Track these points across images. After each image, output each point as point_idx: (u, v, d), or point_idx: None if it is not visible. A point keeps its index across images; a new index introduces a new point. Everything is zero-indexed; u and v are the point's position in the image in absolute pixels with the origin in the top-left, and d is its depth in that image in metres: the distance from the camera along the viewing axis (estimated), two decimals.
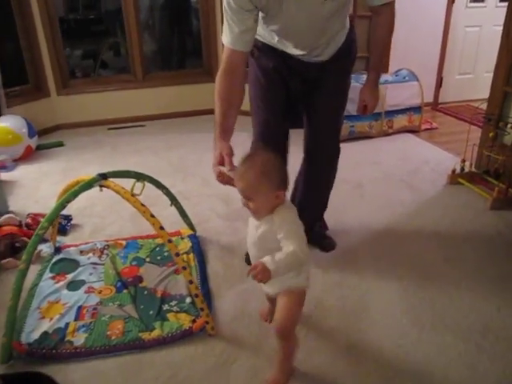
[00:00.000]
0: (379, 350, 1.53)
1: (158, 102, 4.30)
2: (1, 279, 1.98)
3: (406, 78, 3.77)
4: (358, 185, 2.80)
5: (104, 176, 1.66)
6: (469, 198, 2.63)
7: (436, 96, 4.63)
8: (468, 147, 2.73)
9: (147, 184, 1.84)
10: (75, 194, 1.58)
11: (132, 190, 1.67)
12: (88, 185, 1.61)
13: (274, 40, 1.72)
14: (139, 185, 1.76)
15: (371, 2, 1.62)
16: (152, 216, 1.56)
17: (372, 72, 1.84)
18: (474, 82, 4.60)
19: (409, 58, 4.16)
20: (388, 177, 2.94)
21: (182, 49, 5.10)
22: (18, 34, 3.82)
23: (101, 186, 1.67)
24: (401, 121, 3.76)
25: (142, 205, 1.59)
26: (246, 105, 1.66)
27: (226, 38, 1.54)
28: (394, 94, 3.65)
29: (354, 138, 3.57)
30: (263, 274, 1.15)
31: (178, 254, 1.59)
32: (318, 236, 2.11)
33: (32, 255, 1.50)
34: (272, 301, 1.49)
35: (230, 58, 1.56)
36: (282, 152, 1.89)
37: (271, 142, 1.73)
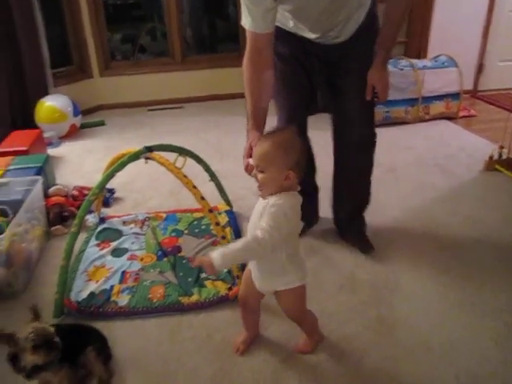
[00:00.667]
0: (407, 324, 1.58)
1: (195, 84, 4.39)
2: (50, 244, 2.12)
3: (445, 64, 3.71)
4: (391, 169, 2.82)
5: (150, 149, 1.76)
6: (506, 184, 2.61)
7: (476, 83, 4.53)
8: (507, 134, 2.70)
9: (187, 161, 1.93)
10: (123, 164, 1.68)
11: (174, 162, 1.76)
12: (135, 156, 1.71)
13: (289, 24, 1.67)
14: (181, 159, 1.85)
15: None
16: (194, 187, 1.65)
17: (380, 51, 1.64)
18: None
19: (448, 43, 4.09)
20: (422, 162, 2.94)
21: (219, 33, 5.17)
22: (65, 18, 3.98)
23: (146, 158, 1.77)
24: (438, 107, 3.72)
25: (185, 176, 1.67)
26: None
27: (247, 21, 1.48)
28: (432, 80, 3.62)
29: (389, 123, 3.56)
30: (209, 270, 1.15)
31: (217, 224, 1.67)
32: (356, 235, 2.01)
33: (83, 219, 1.62)
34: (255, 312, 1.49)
35: (254, 42, 1.50)
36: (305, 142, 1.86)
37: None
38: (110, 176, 1.67)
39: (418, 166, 2.89)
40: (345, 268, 1.88)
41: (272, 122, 1.92)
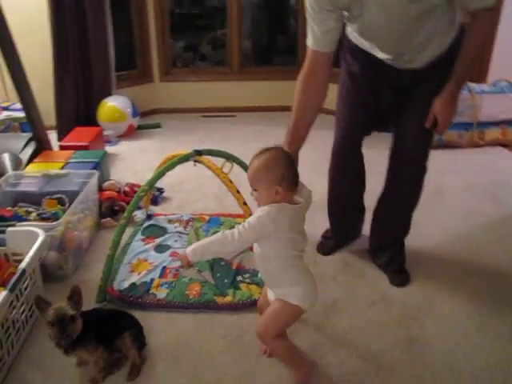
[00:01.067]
0: (437, 347, 1.57)
1: (250, 94, 4.50)
2: (100, 235, 2.26)
3: (505, 90, 3.61)
4: (438, 192, 2.77)
5: (199, 152, 1.85)
6: None
7: None
8: None
9: (234, 168, 1.99)
10: (174, 165, 1.78)
11: (222, 168, 1.84)
12: (185, 158, 1.80)
13: (365, 43, 1.64)
14: (228, 165, 1.93)
15: (466, 5, 1.43)
16: (238, 192, 1.72)
17: (452, 83, 1.54)
18: None
19: (510, 68, 3.97)
20: (471, 187, 2.87)
21: (278, 46, 5.27)
22: (133, 24, 4.22)
23: (195, 161, 1.85)
24: (493, 133, 3.62)
25: (230, 181, 1.75)
26: (328, 103, 1.64)
27: (309, 39, 1.50)
28: (489, 105, 3.52)
29: (441, 146, 3.50)
30: (184, 262, 1.28)
31: None
32: (393, 267, 1.94)
33: (132, 213, 1.73)
34: None
35: (313, 59, 1.51)
36: (358, 160, 1.92)
37: (349, 149, 1.84)
38: (160, 174, 1.77)
39: (467, 191, 2.83)
40: (378, 285, 1.88)
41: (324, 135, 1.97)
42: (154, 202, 2.56)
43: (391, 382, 1.43)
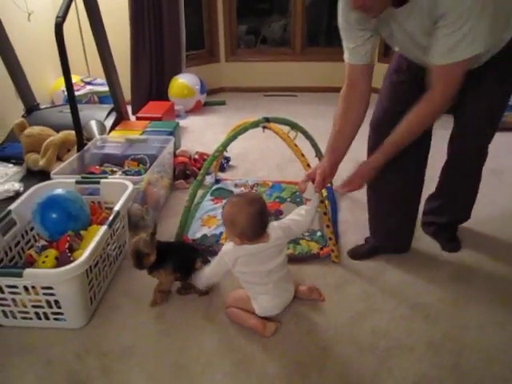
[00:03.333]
0: (484, 304, 1.68)
1: (311, 75, 4.63)
2: (174, 195, 2.52)
3: None
4: (496, 171, 2.80)
5: (267, 119, 2.03)
6: None
7: None
8: None
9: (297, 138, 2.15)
10: (245, 129, 1.97)
11: (287, 134, 2.01)
12: (255, 124, 1.99)
13: None
14: (293, 133, 2.11)
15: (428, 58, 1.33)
16: (302, 155, 1.89)
17: (377, 155, 1.50)
18: None
19: None
20: None
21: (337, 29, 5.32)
22: (202, 6, 4.45)
23: (264, 127, 2.04)
24: None
25: (295, 145, 1.92)
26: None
27: (344, 52, 1.52)
28: None
29: (503, 128, 3.47)
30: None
31: (322, 202, 1.88)
32: (447, 236, 2.01)
33: (207, 170, 1.95)
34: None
35: (349, 72, 1.54)
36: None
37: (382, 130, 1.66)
38: (233, 137, 1.97)
39: None
40: (430, 250, 2.00)
41: None
42: (222, 168, 2.79)
43: (437, 328, 1.56)
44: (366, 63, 1.51)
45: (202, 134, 3.53)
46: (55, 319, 1.57)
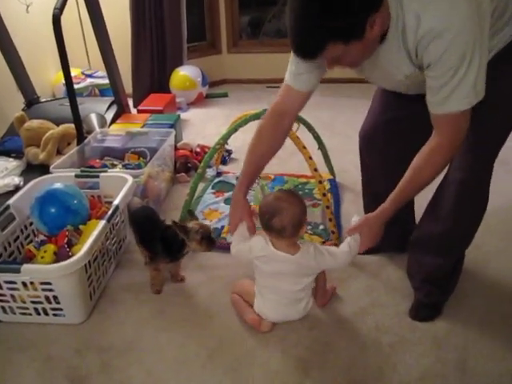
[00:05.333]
0: (488, 297, 1.65)
1: None
2: (175, 188, 2.50)
3: None
4: (503, 163, 2.75)
5: None
6: None
7: None
8: None
9: (300, 130, 2.12)
10: (246, 121, 1.95)
11: None
12: (256, 116, 1.96)
13: None
14: (295, 125, 2.06)
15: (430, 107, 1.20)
16: (304, 147, 1.86)
17: (389, 203, 1.32)
18: None
19: None
20: None
21: None
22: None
23: None
24: None
25: (297, 137, 1.89)
26: None
27: (287, 73, 1.41)
28: None
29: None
30: None
31: (324, 195, 1.87)
32: (423, 299, 1.60)
33: (208, 163, 1.92)
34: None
35: (283, 95, 1.42)
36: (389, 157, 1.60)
37: (372, 143, 1.65)
38: (233, 130, 1.94)
39: None
40: None
41: None
42: (223, 161, 2.76)
43: (441, 322, 1.54)
44: (302, 92, 1.40)
45: (203, 126, 3.50)
46: (54, 315, 1.55)
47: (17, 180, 2.32)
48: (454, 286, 1.62)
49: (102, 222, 1.62)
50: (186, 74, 3.90)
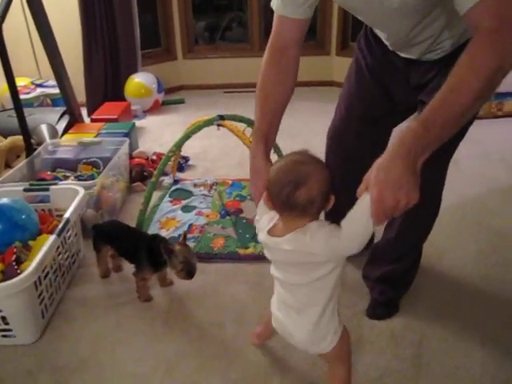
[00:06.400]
0: (436, 297, 1.70)
1: None
2: (131, 198, 2.45)
3: None
4: (454, 161, 2.83)
5: (222, 117, 1.99)
6: None
7: None
8: None
9: None
10: (199, 128, 1.93)
11: (243, 131, 1.98)
12: (209, 122, 1.95)
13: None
14: (249, 130, 2.07)
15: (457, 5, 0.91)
16: None
17: (415, 124, 0.88)
18: None
19: None
20: (487, 156, 2.95)
21: None
22: (157, 3, 4.35)
23: (218, 125, 2.00)
24: None
25: (251, 142, 1.88)
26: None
27: (274, 4, 1.18)
28: (509, 76, 3.55)
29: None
30: None
31: None
32: (378, 297, 1.61)
33: (162, 172, 1.89)
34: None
35: (279, 29, 1.19)
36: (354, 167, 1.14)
37: (339, 142, 1.55)
38: (186, 136, 1.92)
39: (483, 159, 2.90)
40: None
41: None
42: (180, 169, 2.72)
43: (398, 319, 1.57)
44: (301, 19, 1.17)
45: (160, 133, 3.45)
46: (3, 336, 1.48)
47: None
48: (410, 285, 1.65)
49: (52, 237, 1.57)
50: (140, 81, 3.84)
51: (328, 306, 1.05)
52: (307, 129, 3.29)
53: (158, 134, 3.45)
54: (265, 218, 1.07)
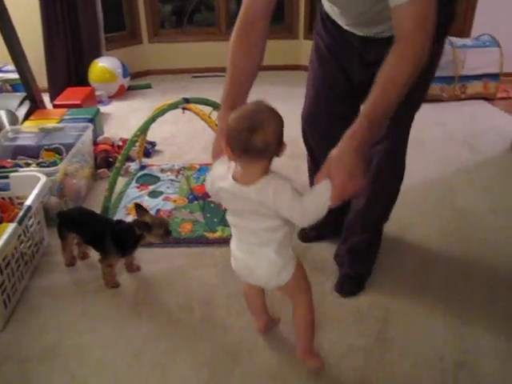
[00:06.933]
0: (408, 267, 1.74)
1: None
2: (97, 184, 2.40)
3: (487, 44, 3.70)
4: (419, 142, 2.91)
5: (187, 100, 1.96)
6: None
7: None
8: None
9: None
10: (164, 111, 1.90)
11: (209, 114, 1.96)
12: (174, 105, 1.92)
13: (329, 8, 1.43)
14: (215, 113, 2.05)
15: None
16: None
17: (361, 119, 1.06)
18: None
19: (494, 23, 4.04)
20: (451, 137, 3.01)
21: None
22: None
23: (183, 109, 1.97)
24: (475, 87, 3.73)
25: (217, 125, 1.86)
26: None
27: None
28: (471, 59, 3.62)
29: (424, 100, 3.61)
30: None
31: None
32: (347, 270, 1.68)
33: (125, 157, 1.86)
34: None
35: (249, 2, 1.25)
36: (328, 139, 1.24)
37: (313, 125, 1.63)
38: (150, 120, 1.89)
39: (447, 141, 2.97)
40: None
41: None
42: (147, 154, 2.68)
43: (365, 297, 1.61)
44: None
45: (126, 119, 3.38)
46: None
47: None
48: (375, 259, 1.71)
49: (13, 225, 1.52)
50: (105, 65, 3.73)
51: (284, 239, 1.15)
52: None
53: (123, 119, 3.38)
54: (221, 168, 1.13)
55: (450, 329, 1.47)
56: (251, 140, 1.00)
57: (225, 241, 1.86)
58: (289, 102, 2.14)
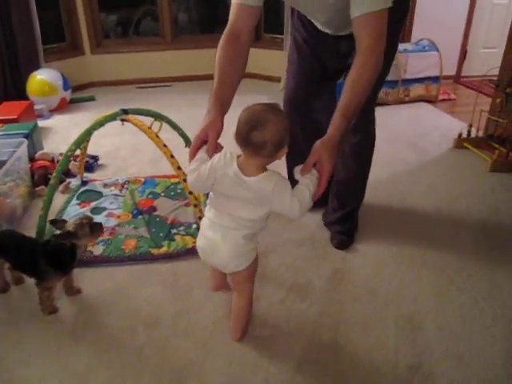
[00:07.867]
0: (358, 275, 1.72)
1: (184, 64, 4.50)
2: (35, 203, 2.25)
3: (426, 48, 3.83)
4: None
5: (125, 111, 1.88)
6: (471, 160, 2.75)
7: (459, 68, 4.65)
8: (478, 115, 2.83)
9: (165, 128, 2.03)
10: (100, 124, 1.81)
11: (150, 126, 1.88)
12: (112, 117, 1.83)
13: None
14: (157, 124, 1.98)
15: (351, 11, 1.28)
16: (165, 146, 1.78)
17: (340, 118, 1.26)
18: (499, 57, 4.58)
19: (432, 28, 4.19)
20: (396, 138, 3.07)
21: (212, 15, 5.25)
22: None
23: (122, 120, 1.88)
24: (418, 90, 3.84)
25: (157, 136, 1.80)
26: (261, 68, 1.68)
27: None
28: (413, 63, 3.73)
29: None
30: None
31: (190, 193, 1.81)
32: (336, 225, 1.95)
33: (61, 172, 1.75)
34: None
35: (237, 16, 1.39)
36: (309, 121, 1.85)
37: (295, 110, 1.85)
38: (86, 133, 1.80)
39: (392, 142, 3.02)
40: (307, 228, 2.01)
41: None
42: (89, 169, 2.56)
43: (315, 307, 1.57)
44: (256, 6, 1.39)
45: (68, 133, 3.22)
46: None
47: None
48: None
49: None
50: (44, 78, 3.57)
51: (256, 232, 1.27)
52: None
53: (65, 133, 3.23)
54: (223, 153, 1.21)
55: (401, 333, 1.46)
56: (250, 135, 1.12)
57: (171, 256, 1.80)
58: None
